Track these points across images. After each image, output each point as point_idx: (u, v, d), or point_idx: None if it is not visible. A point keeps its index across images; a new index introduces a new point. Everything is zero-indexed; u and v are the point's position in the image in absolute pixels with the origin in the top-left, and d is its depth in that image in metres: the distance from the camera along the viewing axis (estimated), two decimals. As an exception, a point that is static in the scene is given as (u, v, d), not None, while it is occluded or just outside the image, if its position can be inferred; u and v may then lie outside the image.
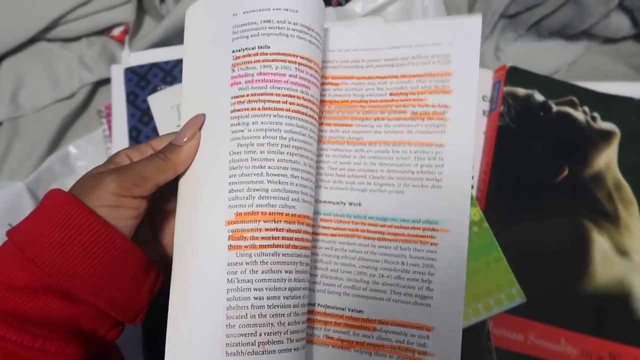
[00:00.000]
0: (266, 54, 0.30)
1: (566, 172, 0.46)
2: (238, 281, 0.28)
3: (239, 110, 0.30)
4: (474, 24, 0.35)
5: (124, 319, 0.29)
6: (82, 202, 0.27)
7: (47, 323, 0.26)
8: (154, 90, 0.45)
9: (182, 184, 0.31)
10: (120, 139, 0.45)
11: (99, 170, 0.30)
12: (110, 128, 0.49)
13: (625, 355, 0.41)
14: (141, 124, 0.45)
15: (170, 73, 0.46)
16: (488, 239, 0.37)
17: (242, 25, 0.31)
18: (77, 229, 0.26)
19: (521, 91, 0.47)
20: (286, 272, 0.29)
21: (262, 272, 0.28)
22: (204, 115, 0.31)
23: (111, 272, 0.28)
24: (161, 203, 0.33)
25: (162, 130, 0.43)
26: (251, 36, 0.31)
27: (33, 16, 0.52)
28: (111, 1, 0.52)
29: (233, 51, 0.31)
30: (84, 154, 0.50)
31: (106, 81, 0.53)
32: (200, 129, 0.31)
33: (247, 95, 0.30)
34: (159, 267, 0.32)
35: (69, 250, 0.26)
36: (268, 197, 0.29)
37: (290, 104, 0.30)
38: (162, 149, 0.31)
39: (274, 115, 0.30)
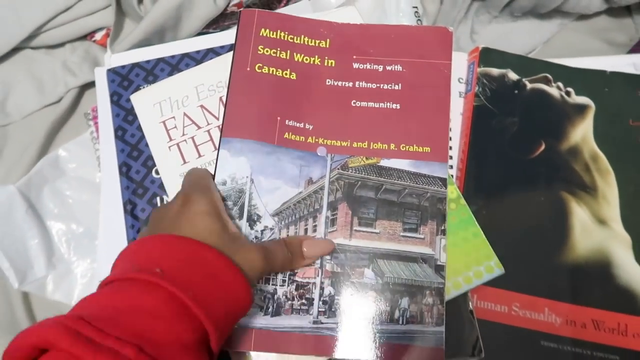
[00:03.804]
0: None
1: (543, 147, 0.47)
2: None
3: None
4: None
5: None
6: (246, 279, 0.30)
7: None
8: (137, 89, 0.46)
9: None
10: (107, 138, 0.46)
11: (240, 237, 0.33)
12: (97, 130, 0.50)
13: (608, 320, 0.42)
14: (126, 123, 0.46)
15: (151, 72, 0.47)
16: (465, 215, 0.38)
17: None
18: (239, 302, 0.29)
19: (495, 71, 0.48)
20: None
21: None
22: (333, 246, 0.38)
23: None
24: None
25: (146, 128, 0.44)
26: None
27: (15, 26, 0.53)
28: (92, 6, 0.53)
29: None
30: (73, 156, 0.52)
31: (91, 84, 0.54)
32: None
33: None
34: None
35: (228, 319, 0.29)
36: None
37: None
38: (293, 248, 0.36)
39: None
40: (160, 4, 0.47)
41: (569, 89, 0.48)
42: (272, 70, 0.42)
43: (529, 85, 0.48)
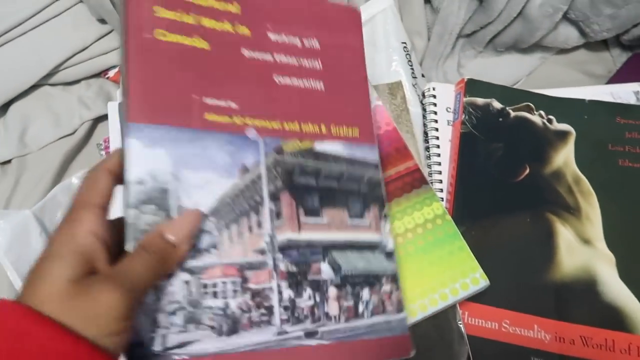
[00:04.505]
0: None
1: (527, 171, 0.49)
2: None
3: None
4: None
5: None
6: (88, 344, 0.23)
7: None
8: (146, 120, 0.50)
9: None
10: (117, 166, 0.50)
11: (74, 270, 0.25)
12: (108, 159, 0.54)
13: (595, 336, 0.43)
14: (135, 151, 0.49)
15: (160, 104, 0.51)
16: (451, 230, 0.40)
17: None
18: None
19: (480, 100, 0.52)
20: None
21: None
22: (200, 213, 0.31)
23: None
24: None
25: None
26: None
27: (36, 65, 0.57)
28: (106, 46, 0.58)
29: None
30: (86, 184, 0.55)
31: (104, 117, 0.58)
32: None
33: None
34: None
35: None
36: None
37: None
38: (154, 246, 0.28)
39: None
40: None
41: (551, 117, 0.51)
42: (178, 38, 0.34)
43: (512, 114, 0.51)
